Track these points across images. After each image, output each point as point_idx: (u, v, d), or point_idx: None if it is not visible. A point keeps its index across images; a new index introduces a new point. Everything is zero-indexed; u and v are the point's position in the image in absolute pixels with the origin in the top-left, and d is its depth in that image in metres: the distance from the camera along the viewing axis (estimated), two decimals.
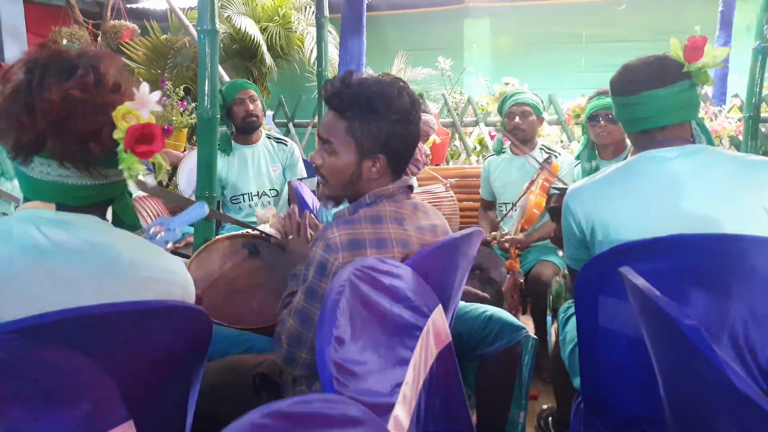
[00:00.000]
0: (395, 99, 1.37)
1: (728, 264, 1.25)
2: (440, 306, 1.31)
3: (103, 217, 1.11)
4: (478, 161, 4.59)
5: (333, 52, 5.27)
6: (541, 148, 3.05)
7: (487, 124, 4.54)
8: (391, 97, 1.37)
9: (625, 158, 2.65)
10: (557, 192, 2.66)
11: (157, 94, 1.05)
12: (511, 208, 2.98)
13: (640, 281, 1.07)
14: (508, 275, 2.66)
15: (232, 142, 3.21)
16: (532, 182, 2.82)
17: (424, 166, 2.56)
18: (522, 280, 2.67)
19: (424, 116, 2.16)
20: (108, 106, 1.02)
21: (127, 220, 1.13)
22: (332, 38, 5.48)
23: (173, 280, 1.11)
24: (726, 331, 1.21)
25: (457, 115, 4.60)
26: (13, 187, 2.77)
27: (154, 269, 1.07)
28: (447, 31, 6.77)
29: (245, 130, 3.18)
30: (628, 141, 2.87)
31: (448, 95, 4.85)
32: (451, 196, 2.76)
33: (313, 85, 4.02)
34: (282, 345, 1.37)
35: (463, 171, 3.93)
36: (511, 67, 6.18)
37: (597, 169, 2.78)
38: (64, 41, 5.86)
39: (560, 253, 2.80)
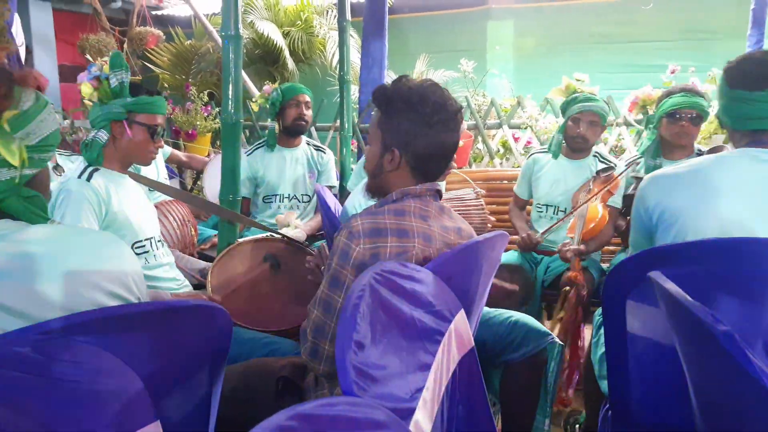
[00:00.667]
0: (417, 100, 1.41)
1: (762, 270, 1.22)
2: (462, 311, 1.30)
3: (14, 217, 1.04)
4: (501, 164, 4.55)
5: (355, 56, 5.29)
6: (594, 156, 2.91)
7: (510, 127, 4.50)
8: (413, 98, 1.41)
9: None
10: (639, 179, 2.53)
11: None
12: (563, 219, 2.80)
13: (672, 286, 1.05)
14: (571, 288, 2.44)
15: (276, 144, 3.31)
16: (590, 193, 2.68)
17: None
18: (585, 293, 2.44)
19: None
20: None
21: (26, 219, 1.05)
22: (354, 42, 5.50)
23: (114, 268, 1.03)
24: (760, 338, 1.17)
25: (480, 117, 4.57)
26: None
27: (91, 263, 1.00)
28: (469, 33, 6.73)
29: (292, 132, 3.29)
30: (696, 145, 2.79)
31: (471, 97, 4.83)
32: (481, 205, 2.69)
33: (335, 89, 4.02)
34: (307, 337, 1.39)
35: (486, 174, 3.90)
36: (535, 68, 6.13)
37: (660, 167, 2.67)
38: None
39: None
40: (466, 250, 1.40)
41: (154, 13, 7.07)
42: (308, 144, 3.43)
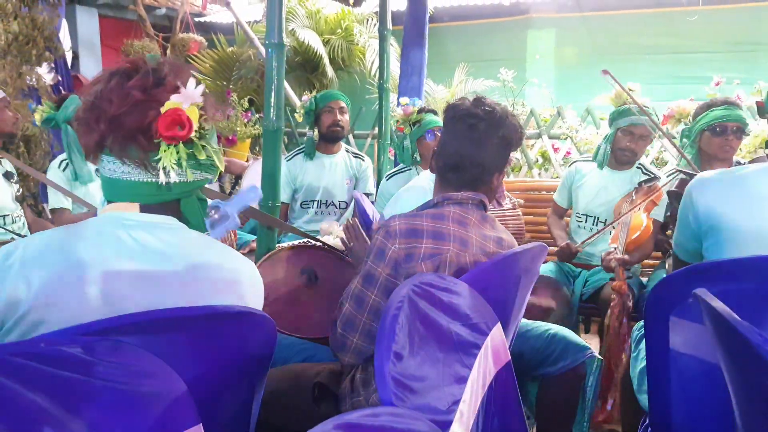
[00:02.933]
0: (451, 108, 1.53)
1: None
2: (499, 324, 1.29)
3: (179, 218, 1.14)
4: (540, 174, 4.51)
5: (394, 64, 5.31)
6: (638, 167, 2.85)
7: (550, 137, 4.46)
8: (449, 106, 1.54)
9: None
10: (686, 177, 2.47)
11: (201, 87, 1.11)
12: (602, 229, 2.73)
13: (718, 304, 1.02)
14: (615, 297, 2.34)
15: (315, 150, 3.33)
16: (633, 203, 2.62)
17: None
18: (631, 304, 2.34)
19: None
20: (161, 103, 1.06)
21: (193, 222, 1.16)
22: (393, 50, 5.51)
23: (239, 279, 1.14)
24: None
25: None
26: (87, 191, 2.90)
27: (224, 270, 1.12)
28: (509, 43, 6.68)
29: (329, 139, 3.30)
30: (735, 158, 2.73)
31: (510, 107, 4.80)
32: (518, 215, 2.66)
33: (374, 97, 4.04)
34: (336, 329, 1.44)
35: (524, 184, 3.87)
36: (576, 78, 6.05)
37: None
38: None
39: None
40: (504, 261, 1.39)
41: (197, 19, 7.23)
42: (347, 151, 3.45)
